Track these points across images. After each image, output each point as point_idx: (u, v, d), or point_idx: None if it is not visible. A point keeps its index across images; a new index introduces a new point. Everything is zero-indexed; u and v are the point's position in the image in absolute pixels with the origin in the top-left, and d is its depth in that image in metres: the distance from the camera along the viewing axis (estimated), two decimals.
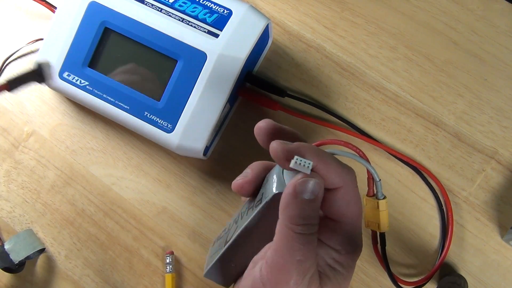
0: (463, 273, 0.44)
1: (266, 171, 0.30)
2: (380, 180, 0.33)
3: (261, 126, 0.29)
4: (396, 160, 0.46)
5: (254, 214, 0.28)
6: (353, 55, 0.49)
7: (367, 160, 0.31)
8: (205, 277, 0.32)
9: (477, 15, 0.48)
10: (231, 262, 0.31)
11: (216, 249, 0.32)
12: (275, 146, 0.27)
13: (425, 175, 0.46)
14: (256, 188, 0.30)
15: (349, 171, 0.28)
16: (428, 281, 0.43)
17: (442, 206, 0.45)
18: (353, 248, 0.29)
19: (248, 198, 0.31)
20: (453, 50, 0.47)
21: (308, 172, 0.26)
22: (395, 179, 0.46)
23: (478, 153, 0.45)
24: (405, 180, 0.46)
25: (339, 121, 0.47)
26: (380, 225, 0.36)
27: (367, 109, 0.47)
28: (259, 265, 0.28)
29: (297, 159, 0.26)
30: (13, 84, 0.26)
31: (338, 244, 0.28)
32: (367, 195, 0.36)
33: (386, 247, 0.42)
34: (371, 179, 0.34)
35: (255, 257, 0.30)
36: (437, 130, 0.46)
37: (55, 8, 0.50)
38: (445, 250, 0.44)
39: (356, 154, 0.30)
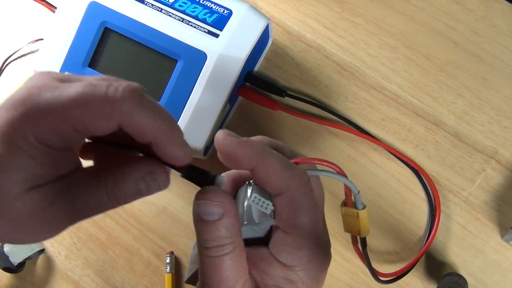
0: (463, 273, 0.44)
1: (237, 183, 0.29)
2: (358, 192, 0.31)
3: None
4: (396, 160, 0.46)
5: None
6: (353, 55, 0.49)
7: (344, 175, 0.29)
8: (186, 283, 0.31)
9: (477, 15, 0.48)
10: None
11: (196, 255, 0.31)
12: (220, 141, 0.26)
13: (421, 174, 0.46)
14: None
15: (295, 175, 0.25)
16: (408, 271, 0.43)
17: (432, 203, 0.45)
18: (313, 262, 0.26)
19: None
20: (453, 50, 0.47)
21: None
22: (395, 179, 0.46)
23: (478, 153, 0.45)
24: (405, 180, 0.46)
25: (340, 120, 0.47)
26: (360, 231, 0.35)
27: (367, 109, 0.47)
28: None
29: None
30: (187, 172, 0.27)
31: (291, 259, 0.26)
32: (345, 205, 0.34)
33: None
34: (349, 190, 0.32)
35: None
36: (437, 130, 0.46)
37: (55, 8, 0.50)
38: (429, 241, 0.44)
39: (332, 170, 0.29)
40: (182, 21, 0.44)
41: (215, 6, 0.44)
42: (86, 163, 0.27)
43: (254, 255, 0.27)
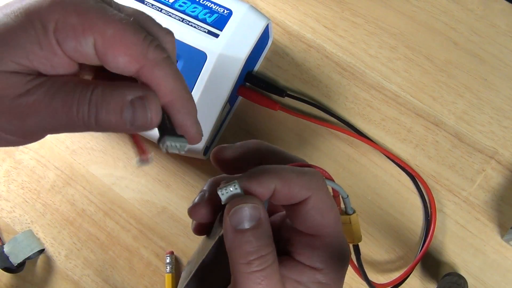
0: (463, 273, 0.44)
1: None
2: (347, 196, 0.31)
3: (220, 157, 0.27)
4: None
5: (209, 248, 0.25)
6: (353, 55, 0.49)
7: (331, 179, 0.28)
8: None
9: (477, 15, 0.48)
10: None
11: (186, 275, 0.29)
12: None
13: (417, 180, 0.45)
14: (215, 210, 0.26)
15: (313, 177, 0.25)
16: (404, 280, 0.43)
17: (428, 210, 0.45)
18: (338, 262, 0.25)
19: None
20: (453, 50, 0.47)
21: (240, 191, 0.23)
22: (395, 179, 0.46)
23: (478, 153, 0.45)
24: (405, 180, 0.46)
25: (339, 122, 0.47)
26: (354, 238, 0.34)
27: (367, 109, 0.47)
28: None
29: (221, 189, 0.23)
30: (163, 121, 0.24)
31: (321, 262, 0.25)
32: None
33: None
34: (337, 196, 0.31)
35: None
36: (437, 130, 0.46)
37: None
38: (423, 250, 0.44)
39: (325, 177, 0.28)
40: (182, 21, 0.44)
41: (215, 6, 0.44)
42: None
43: (281, 267, 0.25)
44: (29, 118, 0.23)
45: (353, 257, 0.39)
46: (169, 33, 0.26)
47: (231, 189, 0.23)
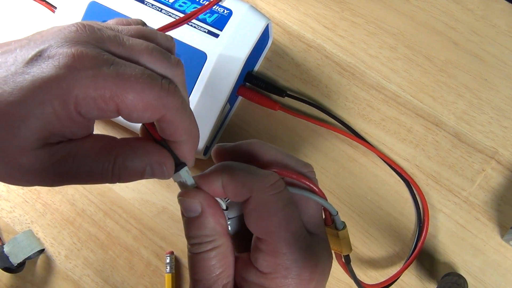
0: (463, 273, 0.44)
1: None
2: (337, 213, 0.30)
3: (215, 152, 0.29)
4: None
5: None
6: (353, 55, 0.49)
7: (324, 197, 0.28)
8: None
9: (477, 15, 0.48)
10: None
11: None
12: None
13: (411, 186, 0.45)
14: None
15: (258, 177, 0.25)
16: (394, 282, 0.43)
17: (420, 217, 0.45)
18: (290, 272, 0.25)
19: None
20: (453, 50, 0.47)
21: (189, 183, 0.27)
22: (395, 179, 0.46)
23: (478, 153, 0.45)
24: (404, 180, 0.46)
25: (338, 123, 0.47)
26: (342, 250, 0.34)
27: (367, 109, 0.47)
28: None
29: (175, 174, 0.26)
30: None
31: (266, 266, 0.25)
32: (325, 224, 0.32)
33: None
34: (327, 211, 0.31)
35: None
36: (437, 130, 0.46)
37: (55, 8, 0.50)
38: (415, 252, 0.44)
39: (312, 191, 0.28)
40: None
41: (215, 6, 0.44)
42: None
43: (238, 261, 0.27)
44: (58, 182, 0.24)
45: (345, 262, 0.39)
46: (178, 65, 0.27)
47: (181, 174, 0.26)
